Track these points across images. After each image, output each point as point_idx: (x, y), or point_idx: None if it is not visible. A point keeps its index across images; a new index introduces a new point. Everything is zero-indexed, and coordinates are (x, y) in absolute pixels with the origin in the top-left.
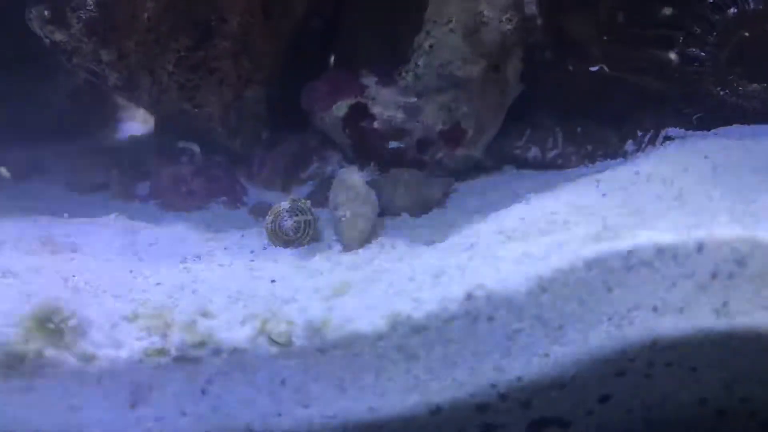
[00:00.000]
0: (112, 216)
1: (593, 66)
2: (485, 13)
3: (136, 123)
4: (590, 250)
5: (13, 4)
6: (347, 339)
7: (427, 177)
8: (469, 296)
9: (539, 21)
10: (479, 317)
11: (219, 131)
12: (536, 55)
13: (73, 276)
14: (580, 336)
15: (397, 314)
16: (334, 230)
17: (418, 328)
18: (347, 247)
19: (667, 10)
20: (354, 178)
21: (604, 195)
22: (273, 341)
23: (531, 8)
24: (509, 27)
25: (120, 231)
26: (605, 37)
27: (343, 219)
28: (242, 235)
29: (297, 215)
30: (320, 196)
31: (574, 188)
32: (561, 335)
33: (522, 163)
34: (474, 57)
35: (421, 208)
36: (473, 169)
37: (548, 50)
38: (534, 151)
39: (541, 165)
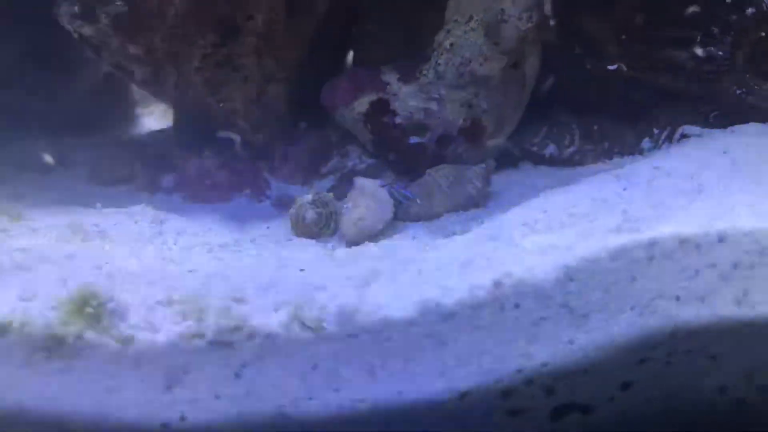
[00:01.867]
0: (140, 206)
1: (611, 65)
2: (506, 11)
3: (156, 117)
4: (615, 241)
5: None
6: (377, 325)
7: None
8: (498, 284)
9: (558, 19)
10: (506, 305)
11: (242, 126)
12: (555, 53)
13: (106, 263)
14: (603, 324)
15: (427, 301)
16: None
17: (446, 315)
18: (348, 240)
19: (686, 11)
20: (366, 181)
21: (624, 189)
22: (305, 326)
23: (550, 7)
24: (529, 25)
25: (148, 221)
26: (623, 36)
27: (345, 210)
28: (267, 227)
29: (319, 207)
30: (341, 190)
31: (594, 183)
32: (585, 323)
33: (539, 160)
34: (495, 54)
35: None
36: None
37: (567, 48)
38: (551, 148)
39: (558, 162)
